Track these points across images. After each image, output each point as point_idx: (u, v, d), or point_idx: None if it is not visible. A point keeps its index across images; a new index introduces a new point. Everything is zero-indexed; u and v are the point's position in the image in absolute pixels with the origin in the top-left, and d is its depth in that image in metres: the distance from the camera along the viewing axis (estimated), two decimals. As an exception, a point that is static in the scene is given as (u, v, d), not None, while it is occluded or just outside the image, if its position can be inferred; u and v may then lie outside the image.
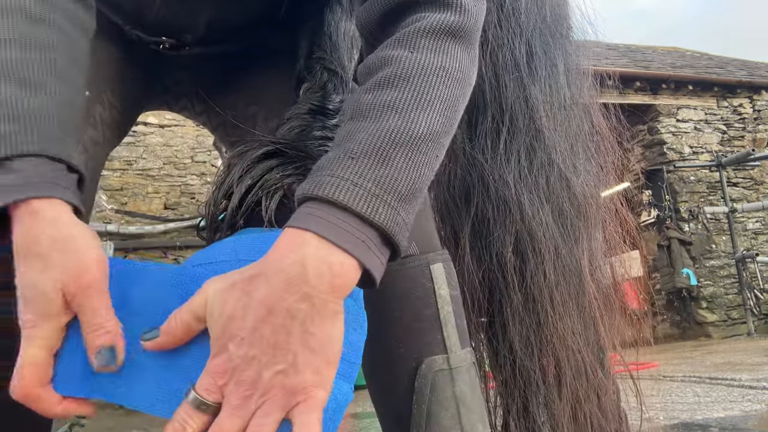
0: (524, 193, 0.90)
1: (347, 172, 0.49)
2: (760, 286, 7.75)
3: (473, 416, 0.69)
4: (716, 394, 3.08)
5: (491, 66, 0.99)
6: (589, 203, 0.95)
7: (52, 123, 0.53)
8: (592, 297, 0.91)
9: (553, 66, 1.03)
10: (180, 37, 0.84)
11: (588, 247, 0.94)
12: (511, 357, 0.88)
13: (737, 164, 8.19)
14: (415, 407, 0.68)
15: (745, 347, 5.91)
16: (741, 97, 9.07)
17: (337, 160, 0.49)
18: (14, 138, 0.50)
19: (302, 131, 0.67)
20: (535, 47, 1.02)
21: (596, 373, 0.88)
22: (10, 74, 0.52)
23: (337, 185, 0.48)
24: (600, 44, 1.17)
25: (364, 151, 0.49)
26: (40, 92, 0.53)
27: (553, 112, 0.97)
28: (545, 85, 1.00)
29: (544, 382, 0.86)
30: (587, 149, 1.02)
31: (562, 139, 0.96)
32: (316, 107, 0.71)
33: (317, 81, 0.74)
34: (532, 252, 0.89)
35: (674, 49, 11.76)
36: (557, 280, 0.88)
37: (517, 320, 0.88)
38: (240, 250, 0.53)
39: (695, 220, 8.13)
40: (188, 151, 6.84)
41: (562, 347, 0.86)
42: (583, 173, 0.97)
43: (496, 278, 0.91)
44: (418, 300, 0.70)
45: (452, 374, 0.69)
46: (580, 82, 1.07)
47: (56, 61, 0.56)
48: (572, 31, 1.13)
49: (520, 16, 1.00)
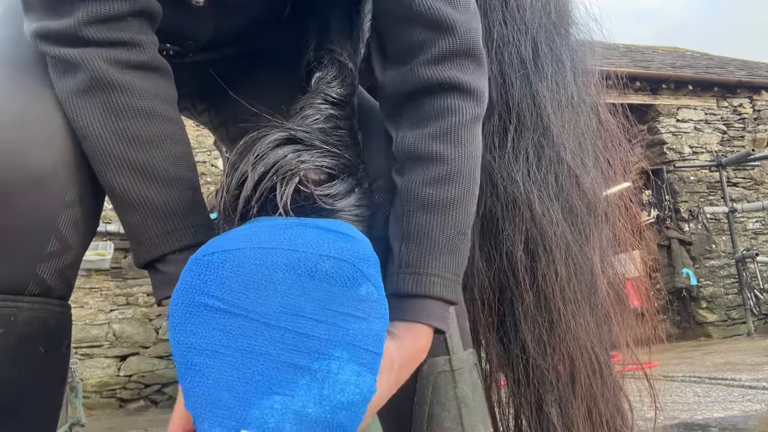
0: (533, 191, 0.89)
1: (437, 269, 0.62)
2: (760, 286, 7.74)
3: (475, 417, 0.69)
4: (716, 394, 3.08)
5: (497, 64, 0.98)
6: (599, 200, 0.94)
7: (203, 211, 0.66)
8: (605, 294, 0.90)
9: (559, 62, 1.02)
10: (184, 44, 0.85)
11: (599, 245, 0.93)
12: (524, 356, 0.88)
13: (737, 164, 8.18)
14: (416, 408, 0.69)
15: (745, 347, 5.91)
16: (741, 97, 9.07)
17: (426, 257, 0.62)
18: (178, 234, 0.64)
19: (316, 119, 0.68)
20: (541, 44, 1.01)
21: (611, 371, 0.87)
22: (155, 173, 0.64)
23: (434, 282, 0.61)
24: (601, 44, 1.16)
25: (442, 247, 0.63)
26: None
27: (560, 109, 0.96)
28: (552, 82, 0.99)
29: (557, 380, 0.86)
30: (596, 146, 1.01)
31: (570, 136, 0.96)
32: (329, 97, 0.72)
33: (329, 72, 0.74)
34: (543, 250, 0.88)
35: (674, 49, 11.77)
36: (569, 278, 0.88)
37: (530, 319, 0.87)
38: (256, 239, 0.52)
39: (695, 220, 8.13)
40: (188, 151, 6.83)
41: (575, 345, 0.85)
42: (592, 170, 0.96)
43: (507, 277, 0.91)
44: None
45: (454, 375, 0.70)
46: (586, 78, 1.06)
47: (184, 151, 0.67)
48: (578, 28, 1.13)
49: (525, 13, 0.99)
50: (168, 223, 0.63)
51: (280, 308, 0.49)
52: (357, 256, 0.51)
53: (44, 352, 0.64)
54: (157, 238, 0.63)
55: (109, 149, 0.63)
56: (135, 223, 0.64)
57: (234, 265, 0.50)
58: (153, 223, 0.63)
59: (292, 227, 0.52)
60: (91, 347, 5.61)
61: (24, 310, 0.61)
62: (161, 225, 0.63)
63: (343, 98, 0.73)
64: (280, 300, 0.49)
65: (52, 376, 0.67)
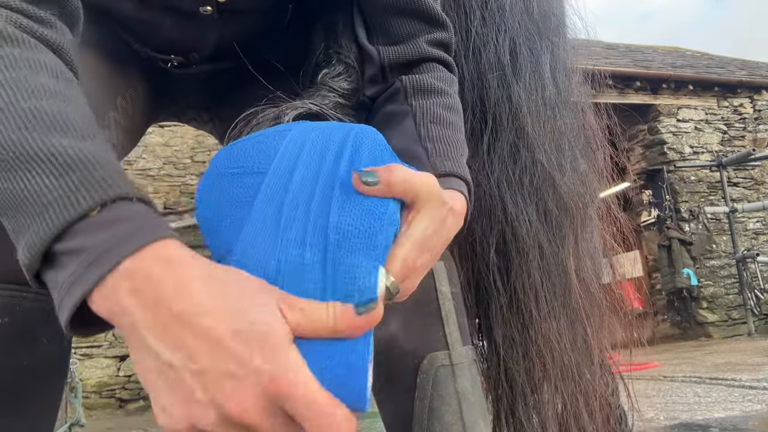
0: (507, 193, 0.90)
1: (460, 158, 0.67)
2: (760, 286, 7.73)
3: (474, 412, 0.70)
4: (716, 394, 3.08)
5: (474, 65, 0.98)
6: (576, 202, 0.94)
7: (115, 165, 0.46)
8: (579, 297, 0.90)
9: (538, 63, 1.02)
10: (188, 56, 0.86)
11: (575, 247, 0.93)
12: (497, 359, 0.88)
13: (738, 164, 8.16)
14: (417, 402, 0.70)
15: (745, 347, 5.90)
16: (741, 97, 9.05)
17: (452, 151, 0.67)
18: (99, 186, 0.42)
19: (326, 103, 0.73)
20: (520, 45, 1.01)
21: (583, 373, 0.87)
22: (54, 126, 0.44)
23: (461, 164, 0.66)
24: (600, 44, 1.16)
25: (458, 149, 0.68)
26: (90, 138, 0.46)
27: (537, 111, 0.96)
28: (530, 83, 0.99)
29: (529, 383, 0.86)
30: (575, 147, 1.01)
31: (547, 137, 0.95)
32: (333, 88, 0.76)
33: (335, 68, 0.78)
34: (516, 252, 0.88)
35: (674, 48, 11.75)
36: (542, 279, 0.88)
37: (502, 321, 0.88)
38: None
39: (696, 220, 8.11)
40: (188, 151, 6.84)
41: (547, 348, 0.86)
42: (569, 172, 0.96)
43: (482, 279, 0.91)
44: (419, 297, 0.71)
45: (454, 370, 0.71)
46: (567, 79, 1.06)
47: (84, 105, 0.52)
48: (562, 27, 1.12)
49: (505, 13, 0.99)
50: (83, 174, 0.42)
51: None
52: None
53: (47, 343, 0.65)
54: (62, 198, 0.41)
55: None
56: (25, 191, 0.42)
57: (253, 139, 0.52)
58: (52, 181, 0.41)
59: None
60: (90, 347, 5.63)
61: (27, 300, 0.61)
62: (67, 180, 0.41)
63: (347, 92, 0.76)
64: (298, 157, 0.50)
65: (54, 369, 0.68)
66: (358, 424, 0.47)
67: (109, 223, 0.40)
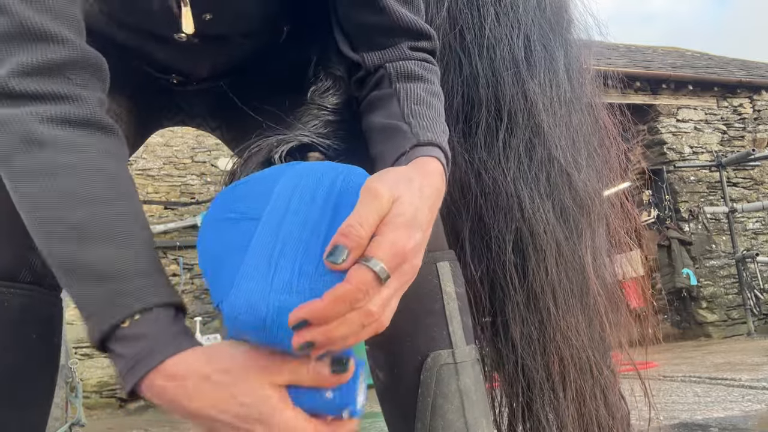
0: (524, 190, 0.89)
1: (443, 134, 0.71)
2: (760, 286, 7.74)
3: (477, 410, 0.71)
4: (716, 394, 3.08)
5: (488, 62, 0.98)
6: (592, 199, 0.94)
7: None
8: (596, 294, 0.90)
9: (552, 60, 1.02)
10: (187, 76, 0.88)
11: (591, 244, 0.93)
12: (514, 356, 0.88)
13: (737, 164, 8.18)
14: (420, 400, 0.71)
15: (745, 347, 5.91)
16: (741, 97, 9.07)
17: (435, 121, 0.72)
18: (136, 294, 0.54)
19: (315, 125, 0.76)
20: (534, 42, 1.01)
21: (602, 370, 0.87)
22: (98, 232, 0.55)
23: (439, 138, 0.70)
24: (601, 44, 1.16)
25: (439, 128, 0.71)
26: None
27: (552, 107, 0.96)
28: (544, 80, 0.99)
29: (548, 380, 0.86)
30: (589, 144, 1.01)
31: (562, 134, 0.95)
32: (322, 106, 0.79)
33: (323, 84, 0.81)
34: (533, 249, 0.88)
35: (674, 49, 11.76)
36: (559, 277, 0.88)
37: (519, 319, 0.87)
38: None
39: (695, 220, 8.12)
40: (188, 151, 6.83)
41: (565, 345, 0.85)
42: (585, 168, 0.96)
43: (498, 277, 0.90)
44: (424, 296, 0.73)
45: (457, 368, 0.71)
46: (581, 76, 1.06)
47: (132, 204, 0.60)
48: (573, 24, 1.12)
49: (519, 10, 0.99)
50: (117, 286, 0.53)
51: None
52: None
53: (36, 338, 0.68)
54: (104, 306, 0.53)
55: (46, 213, 0.54)
56: (79, 294, 0.54)
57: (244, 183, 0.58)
58: (96, 289, 0.53)
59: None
60: (91, 347, 5.61)
61: (17, 296, 0.65)
62: (106, 289, 0.53)
63: (336, 106, 0.79)
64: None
65: (46, 365, 0.71)
66: (359, 423, 0.53)
67: (135, 339, 0.52)
